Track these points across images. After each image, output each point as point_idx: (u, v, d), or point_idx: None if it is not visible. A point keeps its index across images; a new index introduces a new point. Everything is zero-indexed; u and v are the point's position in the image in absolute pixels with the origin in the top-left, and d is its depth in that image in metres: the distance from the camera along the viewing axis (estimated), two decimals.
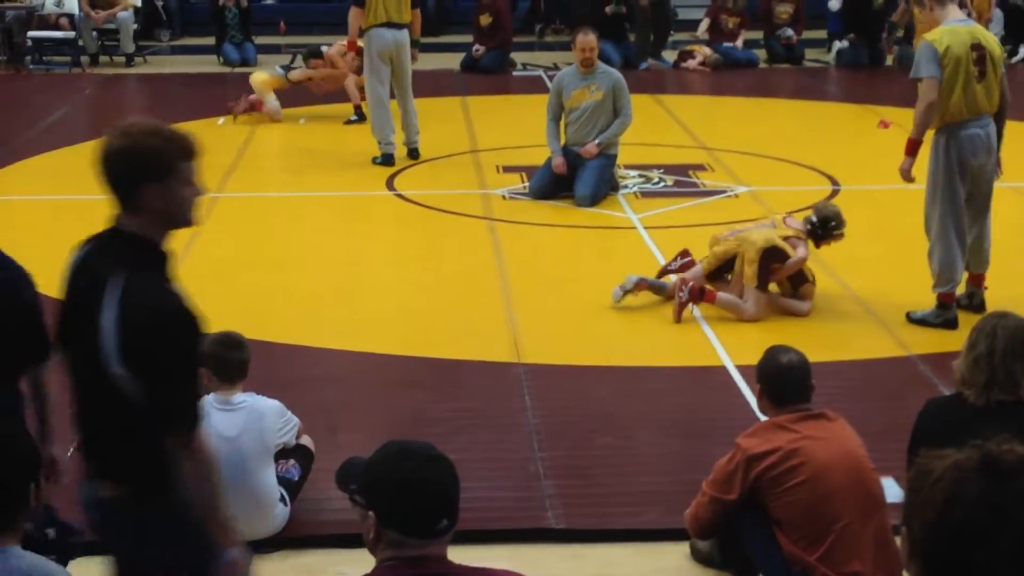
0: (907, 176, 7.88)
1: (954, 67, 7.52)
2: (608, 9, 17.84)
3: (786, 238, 8.05)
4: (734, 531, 4.91)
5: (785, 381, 4.89)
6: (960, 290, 7.90)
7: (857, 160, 12.47)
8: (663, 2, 17.49)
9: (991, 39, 7.88)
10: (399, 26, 11.90)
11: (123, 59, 18.42)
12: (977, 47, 7.61)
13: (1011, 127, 8.08)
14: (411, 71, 12.14)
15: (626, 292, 8.13)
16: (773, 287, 8.08)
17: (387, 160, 12.07)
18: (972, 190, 7.74)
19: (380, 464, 2.73)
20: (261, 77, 14.33)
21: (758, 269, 7.87)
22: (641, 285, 8.17)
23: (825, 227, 8.15)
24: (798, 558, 4.69)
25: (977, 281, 8.02)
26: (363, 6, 11.82)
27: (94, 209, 4.11)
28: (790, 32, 18.21)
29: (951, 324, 7.71)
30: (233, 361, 5.25)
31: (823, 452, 4.73)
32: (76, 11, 18.21)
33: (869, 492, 4.76)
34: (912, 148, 7.81)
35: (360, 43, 12.27)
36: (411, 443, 2.80)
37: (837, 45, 18.31)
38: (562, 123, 10.91)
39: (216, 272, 8.66)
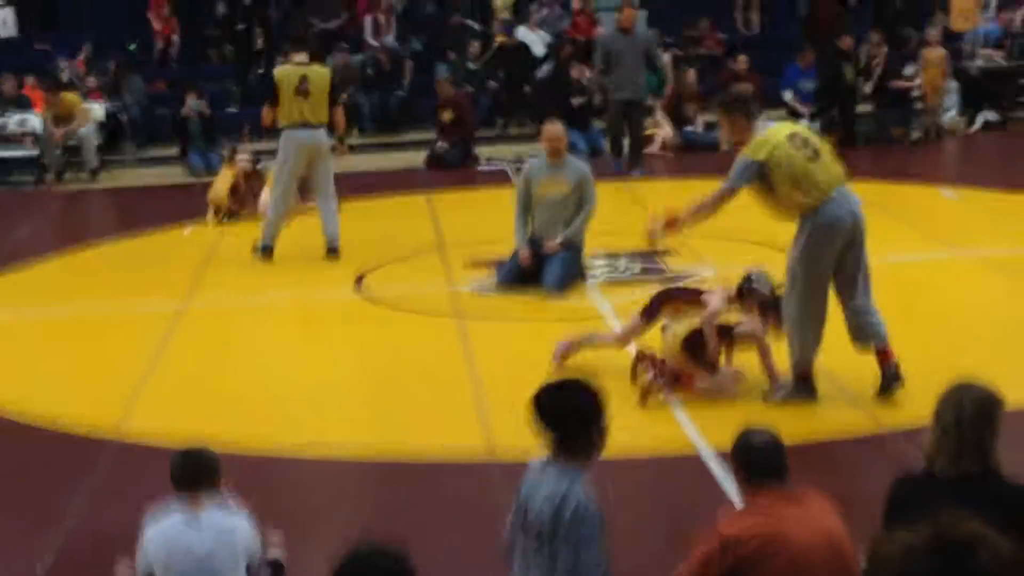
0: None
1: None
2: (574, 102, 18.09)
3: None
4: None
5: (759, 462, 4.84)
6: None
7: None
8: (635, 107, 16.50)
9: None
10: (314, 126, 11.99)
11: (87, 174, 18.45)
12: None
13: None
14: (332, 171, 12.31)
15: (564, 359, 8.22)
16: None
17: (267, 253, 12.27)
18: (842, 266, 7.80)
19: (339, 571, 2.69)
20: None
21: (688, 359, 7.92)
22: (572, 348, 8.30)
23: (747, 281, 8.26)
24: None
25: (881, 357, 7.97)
26: (275, 105, 11.99)
27: (59, 325, 4.11)
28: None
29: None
30: (201, 474, 5.18)
31: (801, 534, 4.68)
32: (39, 129, 18.26)
33: (849, 571, 4.71)
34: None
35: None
36: (375, 551, 2.76)
37: (806, 123, 18.42)
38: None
39: (184, 381, 8.60)
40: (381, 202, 15.63)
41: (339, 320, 10.62)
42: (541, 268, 10.72)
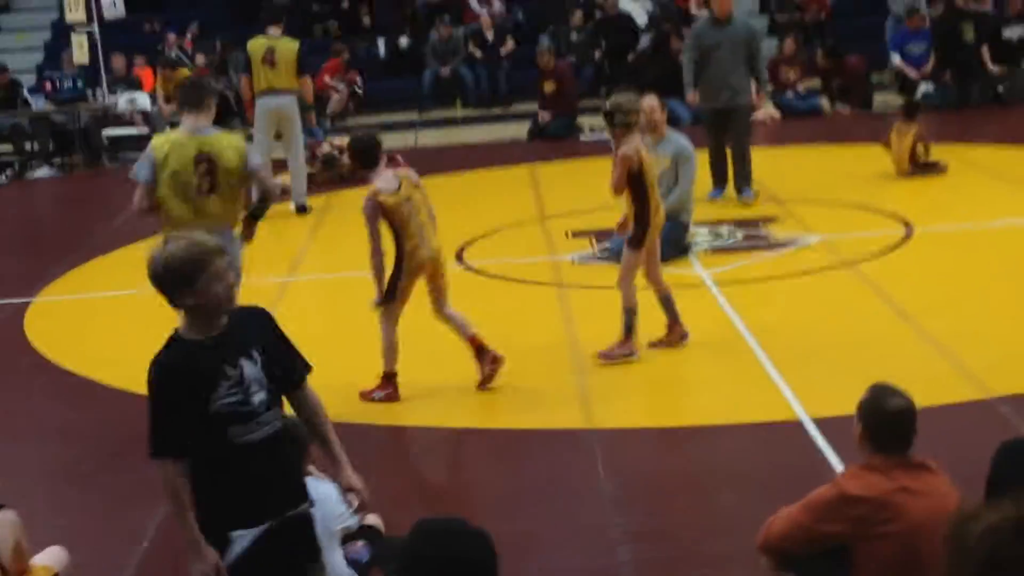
0: None
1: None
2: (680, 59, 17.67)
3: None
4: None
5: (890, 427, 4.68)
6: None
7: (930, 202, 12.32)
8: (737, 116, 12.90)
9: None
10: (279, 92, 13.24)
11: None
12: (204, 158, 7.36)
13: None
14: (301, 134, 13.60)
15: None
16: None
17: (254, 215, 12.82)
18: None
19: (418, 545, 2.70)
20: None
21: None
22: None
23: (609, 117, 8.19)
24: None
25: None
26: (250, 75, 13.40)
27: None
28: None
29: None
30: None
31: (919, 509, 4.52)
32: (148, 107, 18.57)
33: None
34: None
35: None
36: (446, 521, 2.77)
37: (923, 87, 18.09)
38: None
39: None
40: (484, 174, 15.66)
41: None
42: None
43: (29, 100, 19.06)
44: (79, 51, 18.88)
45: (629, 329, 8.22)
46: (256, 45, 13.45)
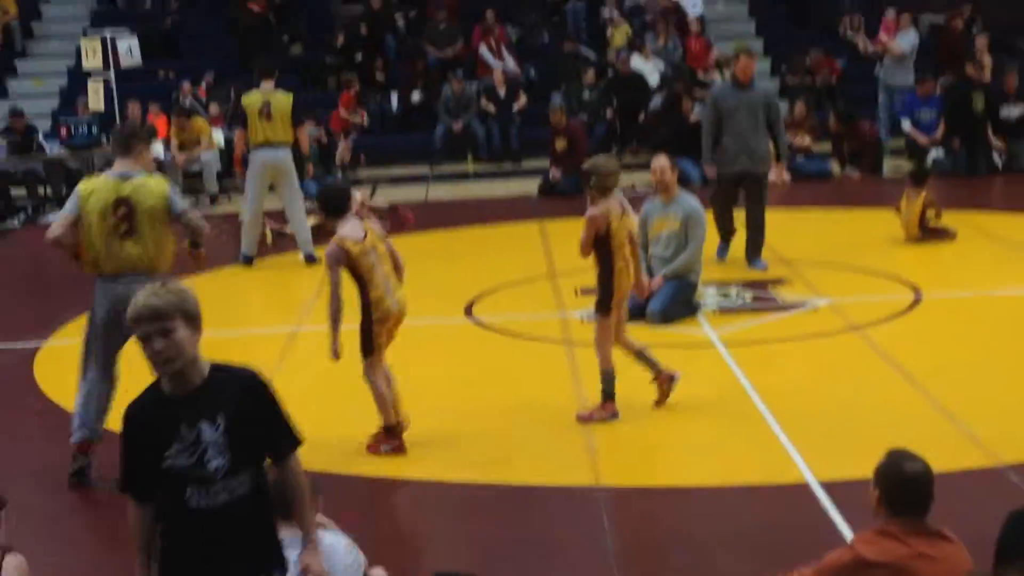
0: None
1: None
2: (692, 118, 17.75)
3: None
4: None
5: (907, 492, 4.66)
6: None
7: (939, 268, 12.34)
8: (754, 182, 12.60)
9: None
10: (276, 146, 13.53)
11: (207, 200, 18.80)
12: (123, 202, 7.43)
13: None
14: (298, 185, 13.85)
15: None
16: None
17: (247, 261, 13.84)
18: None
19: None
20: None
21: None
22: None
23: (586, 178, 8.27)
24: None
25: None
26: (246, 128, 13.73)
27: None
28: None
29: None
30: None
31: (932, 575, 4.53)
32: (162, 155, 18.68)
33: None
34: None
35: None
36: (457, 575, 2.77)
37: (933, 154, 18.17)
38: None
39: (294, 402, 8.68)
40: (494, 229, 15.71)
41: (449, 344, 10.66)
42: None
43: (44, 145, 19.17)
44: (95, 97, 19.01)
45: (607, 394, 8.24)
46: (252, 99, 13.73)
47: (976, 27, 21.76)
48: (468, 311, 11.46)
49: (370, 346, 7.80)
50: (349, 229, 7.74)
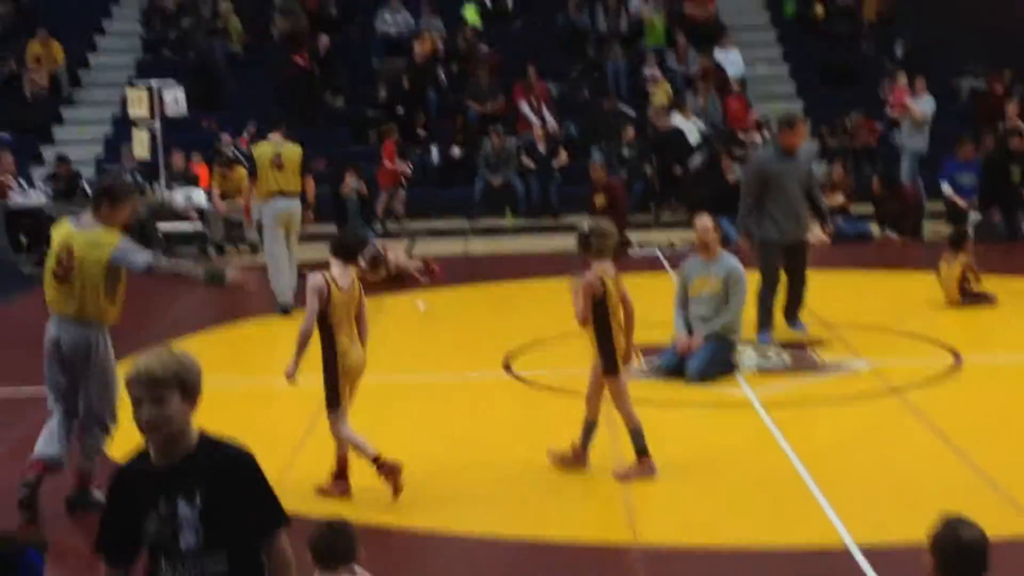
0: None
1: None
2: (730, 178, 17.79)
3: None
4: None
5: (965, 559, 4.59)
6: None
7: (980, 332, 12.28)
8: (799, 250, 12.22)
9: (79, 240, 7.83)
10: (288, 195, 13.82)
11: (248, 249, 18.92)
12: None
13: None
14: (298, 235, 14.14)
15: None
16: None
17: (285, 309, 13.70)
18: None
19: None
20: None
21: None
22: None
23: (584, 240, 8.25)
24: None
25: None
26: (255, 177, 13.99)
27: (209, 398, 4.21)
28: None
29: None
30: (341, 549, 5.25)
31: None
32: (204, 203, 18.84)
33: None
34: None
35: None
36: None
37: (973, 217, 18.15)
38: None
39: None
40: (533, 284, 15.74)
41: (487, 399, 10.68)
42: None
43: (88, 192, 19.34)
44: (139, 146, 19.22)
45: (640, 450, 8.22)
46: (263, 150, 14.06)
47: (1016, 90, 21.74)
48: (507, 366, 11.47)
49: (336, 399, 7.87)
50: (340, 272, 7.92)
